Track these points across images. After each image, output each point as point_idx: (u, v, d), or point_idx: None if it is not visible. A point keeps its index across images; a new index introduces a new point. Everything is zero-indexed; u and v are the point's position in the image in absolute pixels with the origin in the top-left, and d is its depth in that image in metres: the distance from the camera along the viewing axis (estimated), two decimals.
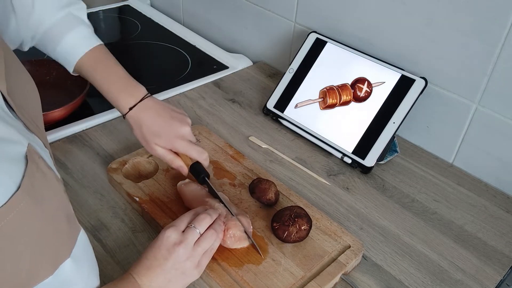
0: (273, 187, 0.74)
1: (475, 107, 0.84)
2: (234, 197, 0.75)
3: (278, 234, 0.68)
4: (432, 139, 0.92)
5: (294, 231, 0.67)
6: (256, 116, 1.01)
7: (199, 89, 1.09)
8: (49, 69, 1.02)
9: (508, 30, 0.75)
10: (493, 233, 0.76)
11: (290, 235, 0.67)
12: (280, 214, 0.69)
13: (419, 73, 0.88)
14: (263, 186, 0.74)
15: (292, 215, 0.68)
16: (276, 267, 0.64)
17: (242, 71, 1.18)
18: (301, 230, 0.67)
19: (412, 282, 0.67)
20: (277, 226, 0.68)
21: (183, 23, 1.43)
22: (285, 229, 0.67)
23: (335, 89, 0.92)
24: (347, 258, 0.66)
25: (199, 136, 0.88)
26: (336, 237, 0.70)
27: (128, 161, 0.80)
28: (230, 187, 0.78)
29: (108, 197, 0.76)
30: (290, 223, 0.67)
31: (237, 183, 0.78)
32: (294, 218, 0.67)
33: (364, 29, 0.96)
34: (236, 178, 0.79)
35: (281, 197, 0.76)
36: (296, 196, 0.76)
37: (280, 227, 0.67)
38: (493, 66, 0.79)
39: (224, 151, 0.85)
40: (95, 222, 0.72)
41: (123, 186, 0.75)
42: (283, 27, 1.13)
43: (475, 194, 0.84)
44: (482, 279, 0.68)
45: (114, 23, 1.45)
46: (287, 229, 0.67)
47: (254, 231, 0.70)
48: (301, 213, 0.68)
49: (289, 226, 0.67)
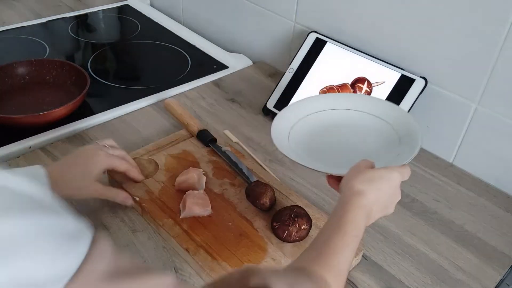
0: (269, 192, 0.73)
1: (475, 107, 0.84)
2: (234, 197, 0.75)
3: (278, 234, 0.68)
4: (432, 139, 0.92)
5: (294, 230, 0.67)
6: (256, 116, 1.01)
7: (199, 89, 1.09)
8: (49, 69, 1.02)
9: (508, 30, 0.75)
10: (493, 233, 0.76)
11: (290, 235, 0.67)
12: (280, 214, 0.69)
13: (419, 73, 0.88)
14: (258, 190, 0.73)
15: (292, 214, 0.68)
16: (276, 267, 0.64)
17: (242, 71, 1.18)
18: (301, 230, 0.67)
19: (412, 281, 0.67)
20: (277, 226, 0.68)
21: (183, 23, 1.43)
22: (285, 228, 0.67)
23: (335, 89, 0.92)
24: None
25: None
26: None
27: None
28: (231, 187, 0.77)
29: None
30: (290, 222, 0.67)
31: (237, 183, 0.78)
32: (294, 218, 0.67)
33: (364, 29, 0.96)
34: (237, 178, 0.79)
35: (280, 197, 0.76)
36: (296, 196, 0.76)
37: (280, 227, 0.67)
38: (493, 66, 0.79)
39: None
40: (94, 222, 0.72)
41: (123, 186, 0.75)
42: (283, 27, 1.13)
43: (475, 193, 0.84)
44: (482, 278, 0.68)
45: (113, 23, 1.45)
46: (287, 229, 0.67)
47: (254, 231, 0.70)
48: (301, 212, 0.68)
49: (289, 226, 0.67)
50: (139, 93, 1.04)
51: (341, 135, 0.73)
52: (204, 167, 0.81)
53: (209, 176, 0.79)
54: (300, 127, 0.74)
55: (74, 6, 1.48)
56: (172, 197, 0.74)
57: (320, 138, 0.73)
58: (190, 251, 0.65)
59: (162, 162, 0.80)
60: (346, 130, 0.73)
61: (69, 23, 1.36)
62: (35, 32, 1.29)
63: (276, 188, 0.77)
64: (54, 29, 1.34)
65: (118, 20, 1.46)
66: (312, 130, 0.74)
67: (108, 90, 1.07)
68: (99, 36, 1.35)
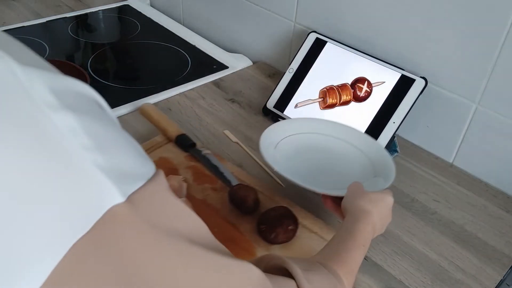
0: (253, 194, 0.72)
1: (475, 107, 0.84)
2: (217, 202, 0.73)
3: (265, 236, 0.67)
4: (432, 139, 0.92)
5: (281, 231, 0.66)
6: (256, 116, 1.01)
7: (199, 89, 1.09)
8: None
9: (508, 30, 0.75)
10: (493, 233, 0.76)
11: (277, 236, 0.66)
12: (266, 216, 0.68)
13: (419, 73, 0.88)
14: (242, 193, 0.72)
15: (278, 215, 0.67)
16: None
17: (242, 71, 1.18)
18: (288, 231, 0.66)
19: (412, 282, 0.67)
20: (264, 228, 0.67)
21: (183, 23, 1.43)
22: (272, 230, 0.66)
23: (335, 89, 0.92)
24: None
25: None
26: (323, 234, 0.69)
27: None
28: (212, 191, 0.75)
29: None
30: (277, 223, 0.66)
31: (219, 187, 0.76)
32: (281, 219, 0.66)
33: (364, 29, 0.96)
34: (218, 182, 0.77)
35: (264, 198, 0.75)
36: (280, 197, 0.75)
37: (267, 229, 0.66)
38: (493, 66, 0.79)
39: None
40: None
41: None
42: (283, 27, 1.13)
43: (475, 194, 0.84)
44: (482, 279, 0.68)
45: (113, 23, 1.45)
46: (274, 230, 0.66)
47: (240, 235, 0.68)
48: (287, 213, 0.68)
49: (276, 227, 0.66)
50: (139, 93, 1.04)
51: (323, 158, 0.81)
52: (183, 173, 0.79)
53: (189, 182, 0.77)
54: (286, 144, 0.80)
55: (74, 6, 1.48)
56: None
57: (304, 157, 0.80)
58: None
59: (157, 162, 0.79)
60: (328, 155, 0.81)
61: (69, 23, 1.36)
62: (35, 32, 1.29)
63: (258, 190, 0.75)
64: (54, 29, 1.34)
65: (118, 20, 1.46)
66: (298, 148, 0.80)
67: (108, 90, 1.07)
68: (99, 36, 1.35)
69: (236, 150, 0.90)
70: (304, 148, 0.80)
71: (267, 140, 0.76)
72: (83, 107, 0.31)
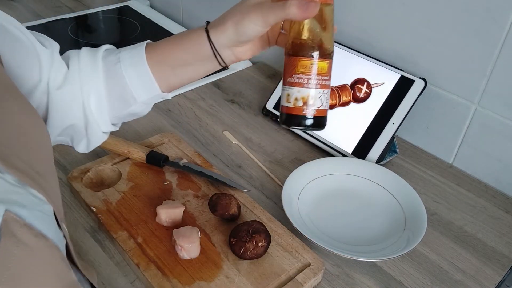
0: (234, 201, 0.71)
1: (475, 107, 0.84)
2: (195, 210, 0.72)
3: (234, 250, 0.65)
4: (431, 139, 0.92)
5: (251, 247, 0.64)
6: (255, 116, 1.01)
7: (199, 90, 1.09)
8: None
9: (508, 30, 0.75)
10: (492, 234, 0.76)
11: (246, 252, 0.64)
12: (238, 229, 0.66)
13: (418, 73, 0.88)
14: (224, 202, 0.70)
15: (250, 230, 0.65)
16: (228, 285, 0.61)
17: (242, 71, 1.18)
18: (258, 247, 0.64)
19: (412, 283, 0.67)
20: (234, 242, 0.65)
21: (183, 23, 1.43)
22: (241, 245, 0.64)
23: (334, 90, 0.92)
24: (305, 278, 0.63)
25: (169, 144, 0.86)
26: (297, 254, 0.66)
27: (91, 168, 0.77)
28: (194, 198, 0.75)
29: None
30: (247, 239, 0.64)
31: (201, 195, 0.75)
32: (252, 234, 0.64)
33: (363, 29, 0.96)
34: (201, 189, 0.76)
35: (244, 210, 0.73)
36: (260, 209, 0.73)
37: (237, 243, 0.65)
38: (493, 66, 0.79)
39: (192, 160, 0.82)
40: (93, 223, 0.72)
41: (81, 195, 0.72)
42: None
43: (474, 194, 0.84)
44: (481, 279, 0.68)
45: (113, 24, 1.45)
46: (243, 245, 0.64)
47: (212, 246, 0.67)
48: (260, 228, 0.66)
49: (246, 242, 0.64)
50: None
51: (351, 204, 0.79)
52: (169, 177, 0.78)
53: (172, 187, 0.76)
54: (306, 193, 0.79)
55: (74, 7, 1.48)
56: (129, 207, 0.72)
57: (331, 203, 0.79)
58: (140, 267, 0.63)
59: (126, 170, 0.78)
60: (357, 200, 0.80)
61: (69, 24, 1.37)
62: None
63: (240, 202, 0.74)
64: (54, 30, 1.34)
65: (118, 21, 1.46)
66: (325, 193, 0.80)
67: None
68: (99, 37, 1.35)
69: (236, 151, 0.90)
70: (333, 192, 0.80)
71: (288, 191, 0.75)
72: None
